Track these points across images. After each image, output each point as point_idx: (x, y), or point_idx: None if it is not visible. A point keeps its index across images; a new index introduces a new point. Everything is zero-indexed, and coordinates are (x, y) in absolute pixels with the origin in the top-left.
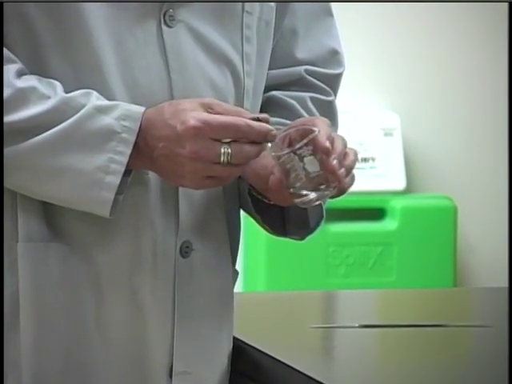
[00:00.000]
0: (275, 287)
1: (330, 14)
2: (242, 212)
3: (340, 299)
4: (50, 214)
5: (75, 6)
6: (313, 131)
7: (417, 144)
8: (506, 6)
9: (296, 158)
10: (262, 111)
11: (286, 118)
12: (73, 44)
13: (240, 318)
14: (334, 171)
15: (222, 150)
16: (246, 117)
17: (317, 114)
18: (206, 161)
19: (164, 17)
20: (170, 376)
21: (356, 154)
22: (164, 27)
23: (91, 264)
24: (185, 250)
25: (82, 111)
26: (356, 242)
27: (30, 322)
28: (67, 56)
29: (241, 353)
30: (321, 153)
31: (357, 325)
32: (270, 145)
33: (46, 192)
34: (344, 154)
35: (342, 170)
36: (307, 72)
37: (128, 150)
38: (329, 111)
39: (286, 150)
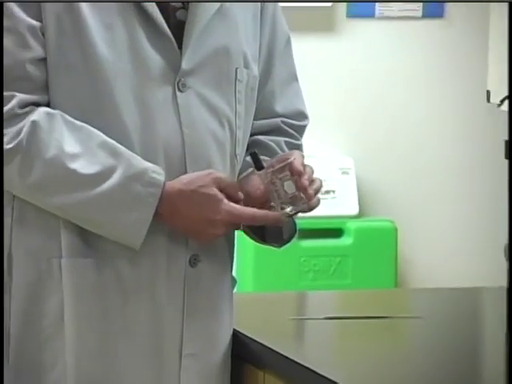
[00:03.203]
0: (260, 288)
1: (296, 79)
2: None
3: (309, 298)
4: (86, 236)
5: (108, 76)
6: (289, 158)
7: (367, 180)
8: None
9: (278, 181)
10: (249, 151)
11: (267, 155)
12: (104, 104)
13: (235, 313)
14: (305, 188)
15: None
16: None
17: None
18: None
19: (178, 84)
20: (181, 357)
21: (321, 182)
22: (178, 92)
23: (119, 275)
24: (193, 262)
25: (118, 179)
26: (321, 254)
27: (72, 322)
28: (100, 114)
29: (234, 339)
30: (296, 175)
31: (322, 317)
32: (260, 172)
33: (86, 226)
34: (312, 180)
35: (312, 190)
36: (283, 122)
37: (150, 213)
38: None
39: (270, 169)
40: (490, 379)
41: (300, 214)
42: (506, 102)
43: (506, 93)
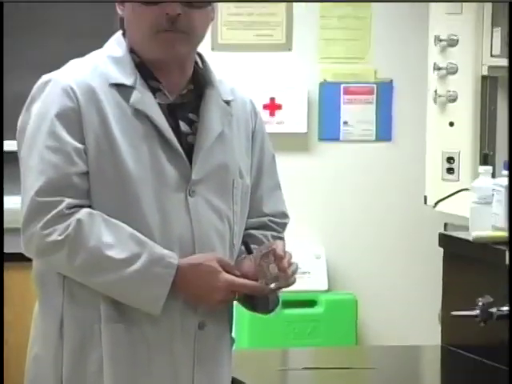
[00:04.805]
0: (253, 345)
1: (280, 187)
2: None
3: (291, 353)
4: (119, 306)
5: (135, 185)
6: (273, 246)
7: (334, 263)
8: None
9: (264, 264)
10: (243, 241)
11: (257, 245)
12: (132, 206)
13: (234, 364)
14: (285, 269)
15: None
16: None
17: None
18: (226, 299)
19: (188, 191)
20: None
21: (297, 265)
22: (189, 197)
23: (144, 334)
24: (201, 325)
25: (143, 263)
26: (300, 320)
27: (109, 371)
28: (129, 213)
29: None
30: (278, 259)
31: (301, 368)
32: (250, 256)
33: (119, 299)
34: (291, 264)
35: (290, 271)
36: (269, 221)
37: (167, 288)
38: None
39: (258, 255)
40: None
41: (283, 289)
42: (439, 204)
43: (439, 197)
